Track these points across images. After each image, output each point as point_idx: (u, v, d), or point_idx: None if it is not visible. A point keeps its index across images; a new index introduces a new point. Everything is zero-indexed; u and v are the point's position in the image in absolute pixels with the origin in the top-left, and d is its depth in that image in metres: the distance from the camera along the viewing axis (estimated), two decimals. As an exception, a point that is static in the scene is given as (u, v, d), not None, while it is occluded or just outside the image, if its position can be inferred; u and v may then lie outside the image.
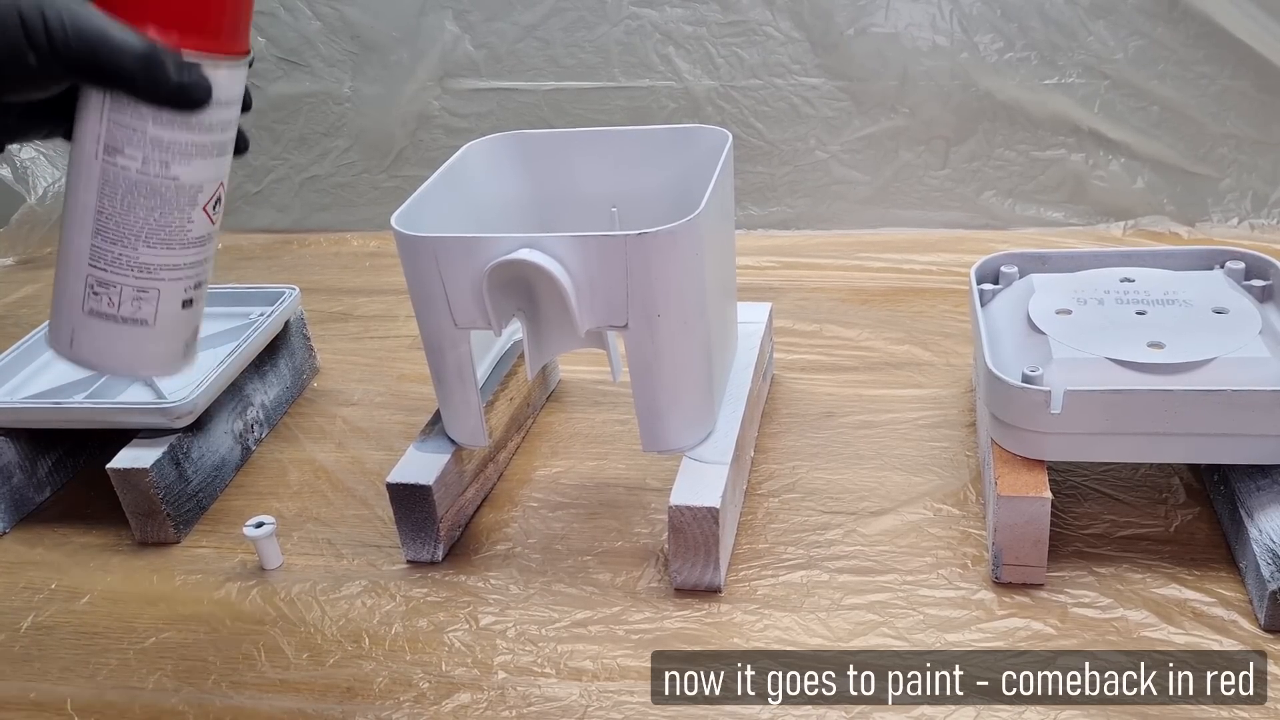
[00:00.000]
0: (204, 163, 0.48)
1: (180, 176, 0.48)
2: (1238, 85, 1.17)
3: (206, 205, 0.50)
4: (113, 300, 0.49)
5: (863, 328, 1.07)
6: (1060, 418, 0.68)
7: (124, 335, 0.50)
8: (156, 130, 0.46)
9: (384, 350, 1.11)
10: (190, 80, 0.45)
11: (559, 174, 0.86)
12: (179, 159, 0.47)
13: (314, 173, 1.44)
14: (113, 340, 0.50)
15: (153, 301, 0.50)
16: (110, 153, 0.47)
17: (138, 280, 0.49)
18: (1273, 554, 0.64)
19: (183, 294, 0.51)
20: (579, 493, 0.85)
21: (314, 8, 1.36)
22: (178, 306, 0.51)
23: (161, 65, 0.44)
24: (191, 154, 0.48)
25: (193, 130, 0.47)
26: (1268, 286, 0.79)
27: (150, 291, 0.49)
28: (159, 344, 0.51)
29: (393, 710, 0.65)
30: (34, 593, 0.79)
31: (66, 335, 0.50)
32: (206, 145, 0.48)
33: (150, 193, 0.47)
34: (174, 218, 0.48)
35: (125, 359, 0.51)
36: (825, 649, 0.66)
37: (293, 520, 0.84)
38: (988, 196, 1.27)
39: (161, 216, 0.48)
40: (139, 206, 0.48)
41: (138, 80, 0.44)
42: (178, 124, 0.46)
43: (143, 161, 0.47)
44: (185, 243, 0.49)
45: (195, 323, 0.53)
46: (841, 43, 1.24)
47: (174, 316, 0.51)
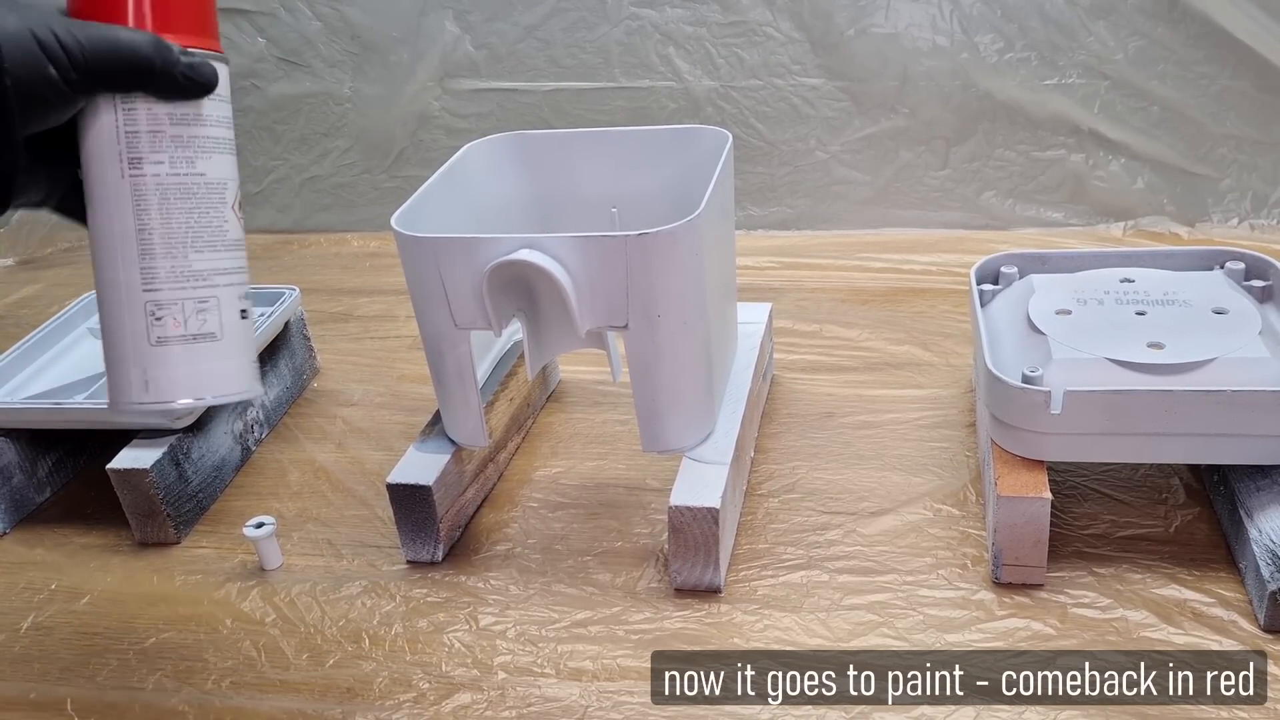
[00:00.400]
0: (222, 158, 0.50)
1: (207, 173, 0.49)
2: (1238, 85, 1.17)
3: (234, 204, 0.51)
4: (178, 319, 0.49)
5: (863, 328, 1.07)
6: (1060, 418, 0.68)
7: (199, 355, 0.50)
8: (175, 129, 0.48)
9: (384, 350, 1.11)
10: (201, 66, 0.48)
11: (559, 174, 0.86)
12: (202, 154, 0.49)
13: (314, 173, 1.44)
14: (189, 363, 0.50)
15: (215, 311, 0.50)
16: (135, 164, 0.48)
17: (196, 290, 0.50)
18: (1272, 554, 0.64)
19: (238, 301, 0.52)
20: (579, 493, 0.85)
21: (314, 8, 1.36)
22: (237, 315, 0.51)
23: (172, 52, 0.47)
24: (211, 149, 0.49)
25: (206, 124, 0.49)
26: (1268, 287, 0.79)
27: (210, 301, 0.50)
28: (232, 358, 0.51)
29: (393, 711, 0.65)
30: (34, 593, 0.79)
31: (138, 381, 0.50)
32: (220, 140, 0.50)
33: (184, 194, 0.49)
34: (211, 217, 0.50)
35: (207, 381, 0.51)
36: (825, 649, 0.66)
37: (293, 521, 0.84)
38: (988, 197, 1.27)
39: (200, 217, 0.49)
40: (177, 210, 0.49)
41: (155, 66, 0.46)
42: (191, 118, 0.48)
43: (170, 162, 0.48)
44: (227, 244, 0.51)
45: (254, 346, 0.53)
46: (842, 43, 1.24)
47: (237, 327, 0.51)
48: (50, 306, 1.23)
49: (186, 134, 0.49)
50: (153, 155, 0.48)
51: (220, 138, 0.50)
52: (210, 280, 0.50)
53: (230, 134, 0.51)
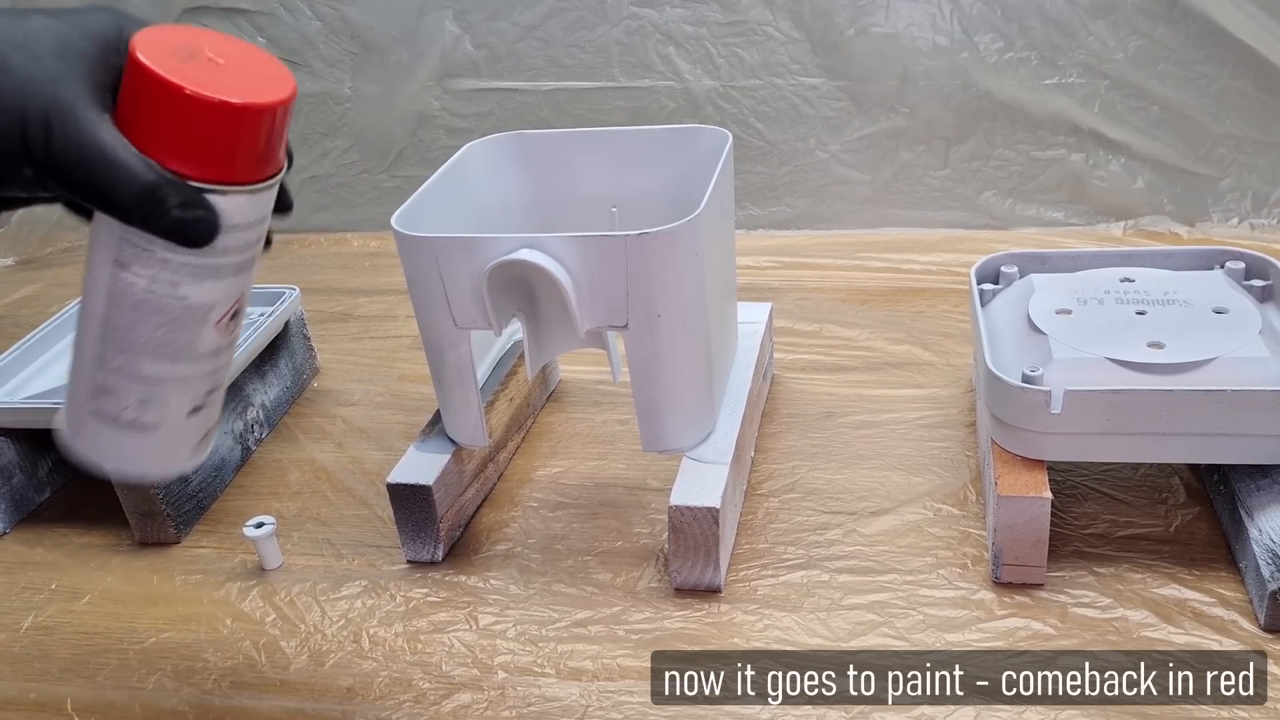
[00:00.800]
0: (216, 284, 0.46)
1: (189, 297, 0.45)
2: (1238, 85, 1.17)
3: (220, 321, 0.47)
4: (116, 405, 0.47)
5: (863, 328, 1.07)
6: (1060, 418, 0.68)
7: (126, 440, 0.48)
8: (165, 253, 0.44)
9: (384, 350, 1.11)
10: (193, 217, 0.42)
11: (559, 174, 0.86)
12: (189, 280, 0.45)
13: (314, 173, 1.44)
14: (115, 443, 0.48)
15: (156, 409, 0.48)
16: (119, 266, 0.44)
17: (141, 390, 0.47)
18: (1273, 554, 0.64)
19: (189, 403, 0.49)
20: (579, 493, 0.85)
21: (314, 8, 1.36)
22: (183, 415, 0.49)
23: (161, 203, 0.41)
24: (203, 276, 0.45)
25: (204, 255, 0.44)
26: (1268, 286, 0.79)
27: (153, 401, 0.48)
28: (162, 449, 0.50)
29: (393, 710, 0.65)
30: (34, 593, 0.79)
31: (74, 428, 0.49)
32: (220, 267, 0.45)
33: (156, 310, 0.45)
34: (181, 335, 0.46)
35: (126, 461, 0.49)
36: (825, 649, 0.66)
37: (293, 520, 0.84)
38: (988, 196, 1.27)
39: (169, 334, 0.46)
40: (145, 323, 0.45)
41: (133, 217, 0.41)
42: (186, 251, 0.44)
43: (150, 280, 0.44)
44: (194, 357, 0.47)
45: (206, 425, 0.51)
46: (842, 43, 1.24)
47: (179, 424, 0.49)
48: (50, 306, 1.23)
49: (177, 260, 0.44)
50: (136, 267, 0.44)
51: (220, 265, 0.45)
52: (160, 385, 0.47)
53: (244, 256, 0.47)
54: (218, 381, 0.50)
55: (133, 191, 0.40)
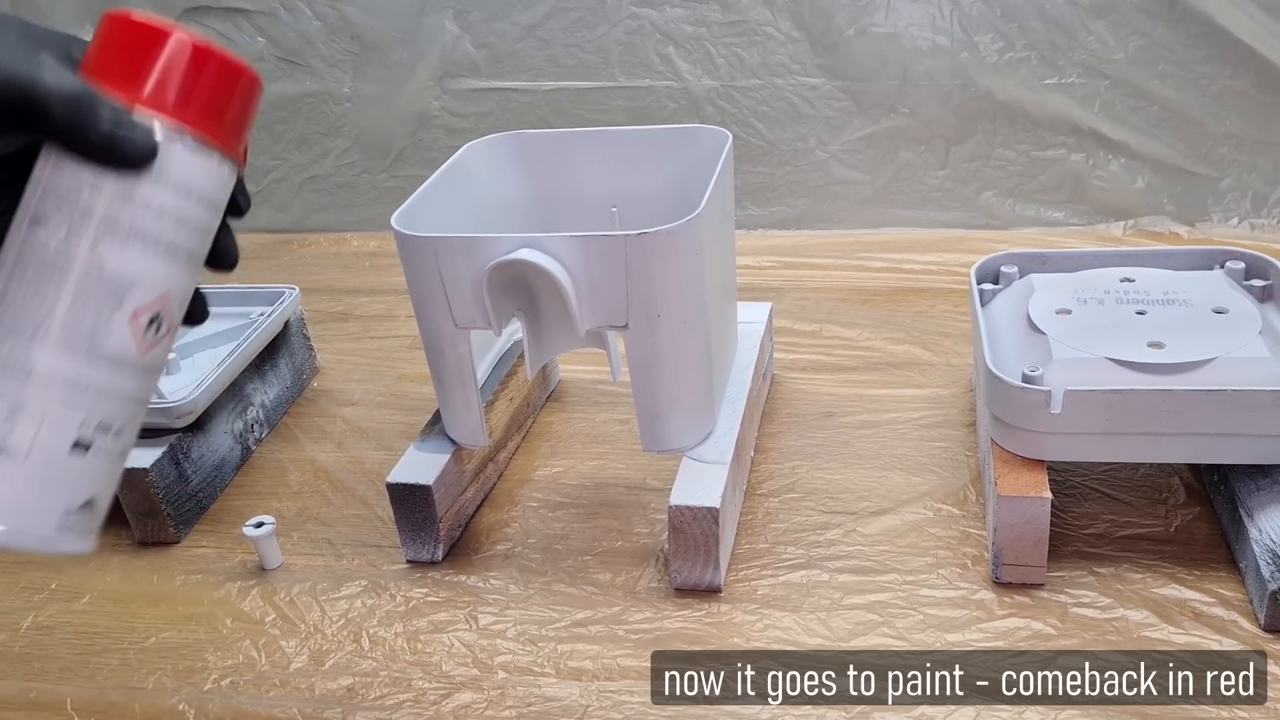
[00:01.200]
0: (142, 256, 0.40)
1: (106, 261, 0.39)
2: (1238, 85, 1.17)
3: (136, 313, 0.40)
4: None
5: (863, 328, 1.07)
6: (1060, 418, 0.68)
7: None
8: (90, 200, 0.39)
9: (384, 350, 1.11)
10: (126, 133, 0.39)
11: (559, 174, 0.86)
12: (109, 238, 0.39)
13: (314, 173, 1.44)
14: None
15: (30, 423, 0.39)
16: (34, 223, 0.39)
17: (19, 389, 0.39)
18: (1273, 554, 0.64)
19: (75, 429, 0.40)
20: (579, 493, 0.85)
21: (314, 8, 1.36)
22: (64, 445, 0.39)
23: (91, 109, 0.39)
24: (128, 238, 0.40)
25: (132, 206, 0.40)
26: (1268, 286, 0.79)
27: (27, 410, 0.39)
28: (24, 491, 0.39)
29: (393, 710, 0.65)
30: (34, 592, 0.79)
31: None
32: (150, 235, 0.40)
33: (64, 274, 0.39)
34: (86, 314, 0.39)
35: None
36: (825, 649, 0.66)
37: (293, 520, 0.84)
38: (988, 196, 1.27)
39: (71, 309, 0.39)
40: (47, 289, 0.39)
41: (58, 120, 0.39)
42: (115, 195, 0.39)
43: (66, 233, 0.39)
44: (93, 354, 0.40)
45: (91, 489, 0.41)
46: (842, 43, 1.24)
47: (55, 459, 0.39)
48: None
49: (102, 210, 0.39)
50: (54, 218, 0.39)
51: (152, 231, 0.40)
52: (42, 386, 0.39)
53: (182, 236, 0.41)
54: (115, 420, 0.41)
55: (64, 99, 0.39)
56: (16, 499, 0.39)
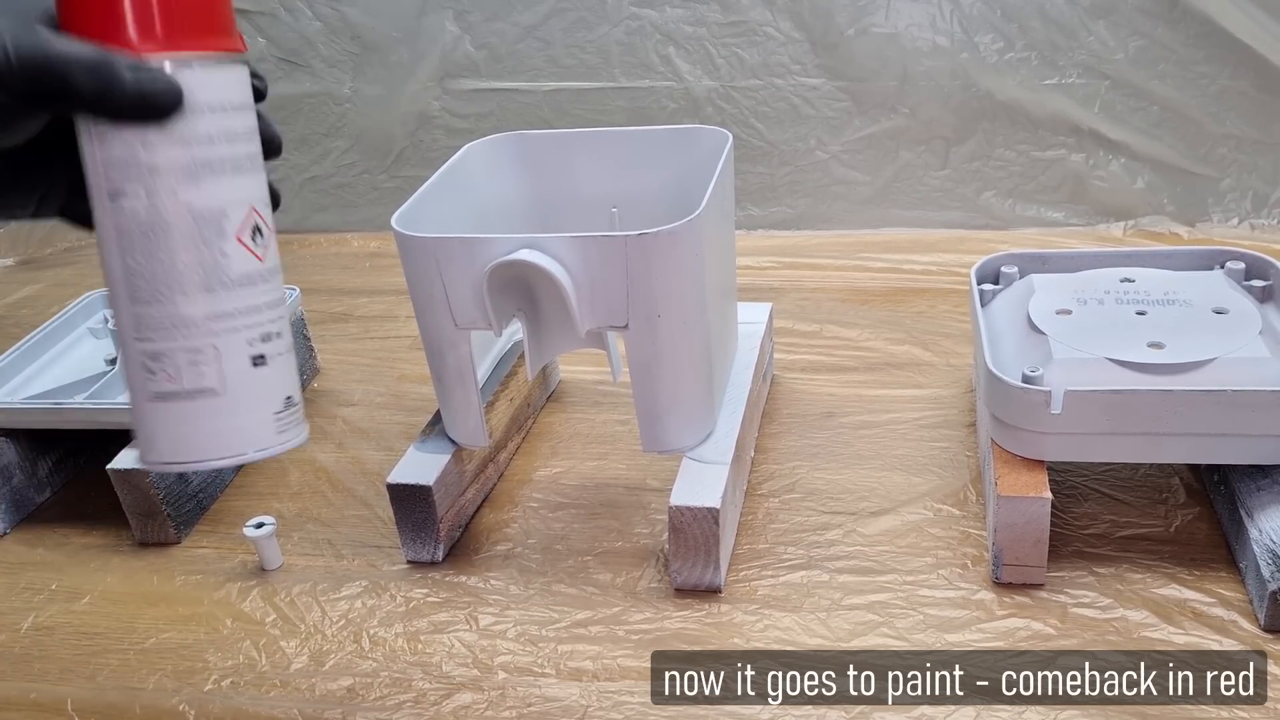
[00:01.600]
0: (217, 182, 0.43)
1: (193, 202, 0.43)
2: (1238, 85, 1.17)
3: (240, 234, 0.44)
4: (171, 373, 0.44)
5: (863, 328, 1.07)
6: (1060, 418, 0.68)
7: (199, 416, 0.44)
8: (149, 156, 0.42)
9: (384, 351, 1.11)
10: (149, 82, 0.40)
11: (559, 174, 0.86)
12: (185, 182, 0.42)
13: (314, 173, 1.44)
14: (190, 426, 0.44)
15: (212, 362, 0.44)
16: (115, 198, 0.42)
17: (188, 341, 0.43)
18: (1273, 554, 0.64)
19: (247, 348, 0.45)
20: (579, 493, 0.85)
21: (314, 8, 1.36)
22: (246, 364, 0.45)
23: (113, 72, 0.39)
24: (198, 173, 0.42)
25: (188, 145, 0.42)
26: (1268, 287, 0.79)
27: (205, 351, 0.44)
28: (239, 415, 0.45)
29: (393, 711, 0.65)
30: (34, 593, 0.79)
31: (145, 438, 0.45)
32: (214, 161, 0.43)
33: (168, 230, 0.42)
34: (203, 254, 0.43)
35: (208, 441, 0.45)
36: (825, 649, 0.66)
37: (293, 521, 0.84)
38: (988, 197, 1.27)
39: (190, 254, 0.43)
40: (160, 250, 0.43)
41: (86, 93, 0.39)
42: (166, 142, 0.42)
43: (148, 195, 0.42)
44: (226, 283, 0.44)
45: (284, 389, 0.47)
46: (842, 43, 1.24)
47: (246, 378, 0.45)
48: (50, 306, 1.22)
49: (163, 161, 0.42)
50: (128, 186, 0.42)
51: (212, 158, 0.43)
52: (204, 327, 0.43)
53: (235, 148, 0.44)
54: (273, 326, 0.46)
55: (85, 69, 0.39)
56: (235, 425, 0.45)
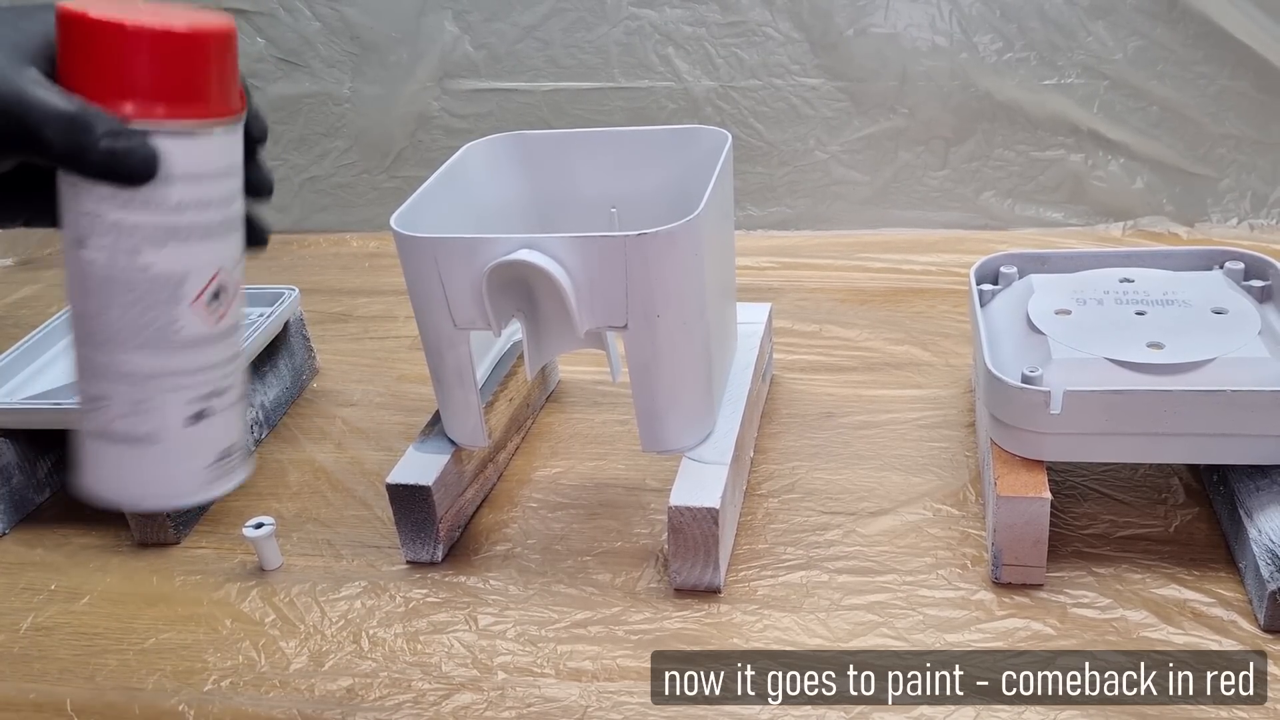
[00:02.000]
0: (181, 249, 0.42)
1: (153, 266, 0.41)
2: (1237, 85, 1.17)
3: (197, 300, 0.43)
4: (107, 416, 0.43)
5: (862, 328, 1.07)
6: (1059, 418, 0.68)
7: (126, 459, 0.44)
8: (117, 214, 0.40)
9: (383, 351, 1.11)
10: (124, 148, 0.39)
11: (558, 175, 0.86)
12: (148, 245, 0.41)
13: (313, 173, 1.44)
14: (116, 465, 0.44)
15: (149, 416, 0.43)
16: (78, 246, 0.41)
17: (129, 392, 0.43)
18: (1272, 554, 0.64)
19: (185, 407, 0.44)
20: (578, 493, 0.85)
21: (313, 8, 1.36)
22: (180, 421, 0.44)
23: (86, 131, 0.39)
24: (162, 239, 0.41)
25: (156, 212, 0.41)
26: (1267, 287, 0.79)
27: (145, 405, 0.43)
28: (167, 467, 0.45)
29: (392, 711, 0.65)
30: (33, 593, 0.79)
31: (81, 463, 0.45)
32: (181, 229, 0.41)
33: (124, 288, 0.41)
34: (154, 315, 0.42)
35: (132, 486, 0.45)
36: (825, 649, 0.66)
37: (292, 521, 0.84)
38: (987, 197, 1.27)
39: (141, 314, 0.42)
40: (115, 304, 0.42)
41: (57, 148, 0.39)
42: (134, 204, 0.40)
43: (110, 252, 0.41)
44: (174, 345, 0.43)
45: (222, 442, 0.46)
46: (841, 43, 1.24)
47: (178, 434, 0.44)
48: (50, 307, 1.22)
49: (130, 221, 0.40)
50: (92, 239, 0.41)
51: (181, 225, 0.41)
52: (147, 383, 0.43)
53: (209, 216, 0.43)
54: (220, 384, 0.45)
55: (58, 123, 0.38)
56: (164, 475, 0.45)
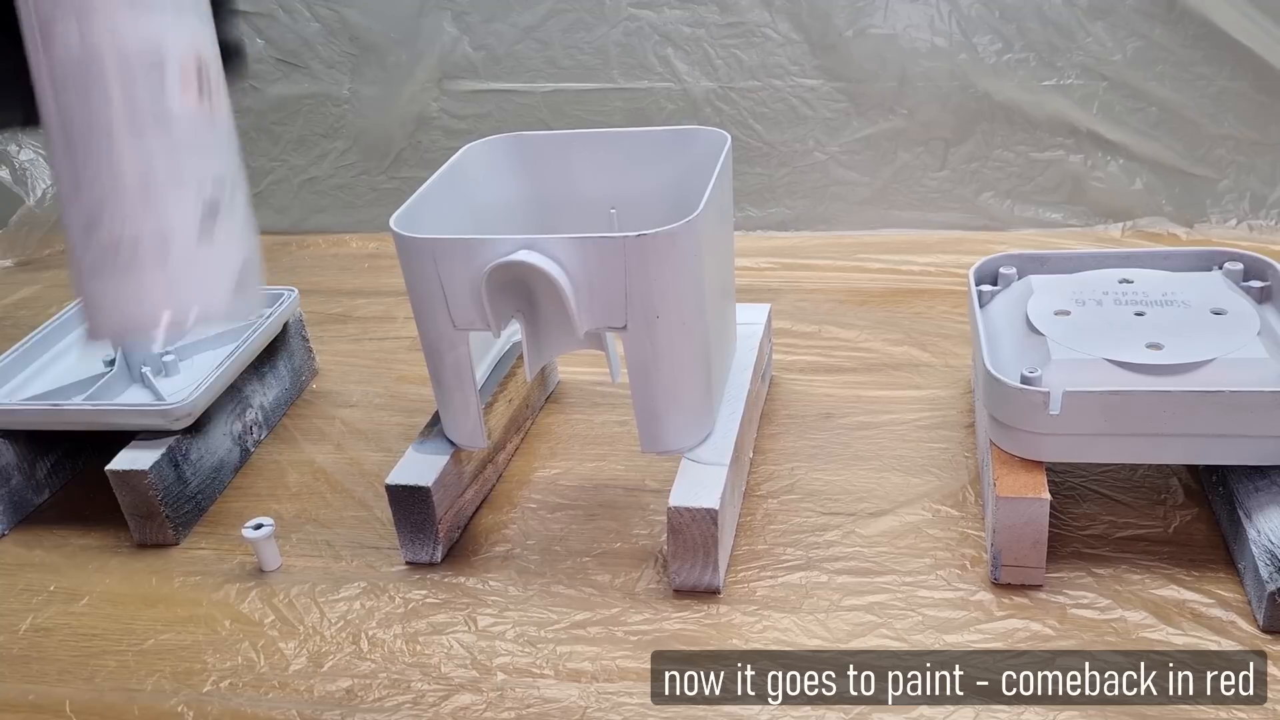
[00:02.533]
0: (155, 19, 0.39)
1: (128, 38, 0.39)
2: (1236, 86, 1.17)
3: (182, 76, 0.40)
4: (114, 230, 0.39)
5: (861, 329, 1.07)
6: (1059, 419, 0.68)
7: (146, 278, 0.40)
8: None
9: (383, 352, 1.11)
10: None
11: (558, 175, 0.86)
12: (121, 21, 0.38)
13: (313, 174, 1.44)
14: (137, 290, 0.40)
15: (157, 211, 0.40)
16: (47, 40, 0.38)
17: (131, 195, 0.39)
18: (1271, 555, 0.64)
19: (195, 194, 0.40)
20: (578, 494, 0.85)
21: (313, 9, 1.36)
22: (195, 214, 0.40)
23: None
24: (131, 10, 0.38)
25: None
26: (1266, 287, 0.79)
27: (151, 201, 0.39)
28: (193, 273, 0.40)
29: (391, 712, 0.65)
30: (33, 594, 0.79)
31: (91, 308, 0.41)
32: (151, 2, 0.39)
33: (103, 71, 0.38)
34: (143, 92, 0.39)
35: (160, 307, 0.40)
36: (824, 650, 0.66)
37: (291, 522, 0.84)
38: (986, 197, 1.27)
39: (129, 94, 0.39)
40: (99, 91, 0.39)
41: None
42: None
43: (81, 32, 0.38)
44: (170, 125, 0.39)
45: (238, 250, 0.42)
46: (840, 44, 1.24)
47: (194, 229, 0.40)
48: (49, 307, 1.22)
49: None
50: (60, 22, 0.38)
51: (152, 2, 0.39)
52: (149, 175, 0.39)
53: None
54: (224, 174, 0.41)
55: None
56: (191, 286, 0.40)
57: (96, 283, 0.40)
